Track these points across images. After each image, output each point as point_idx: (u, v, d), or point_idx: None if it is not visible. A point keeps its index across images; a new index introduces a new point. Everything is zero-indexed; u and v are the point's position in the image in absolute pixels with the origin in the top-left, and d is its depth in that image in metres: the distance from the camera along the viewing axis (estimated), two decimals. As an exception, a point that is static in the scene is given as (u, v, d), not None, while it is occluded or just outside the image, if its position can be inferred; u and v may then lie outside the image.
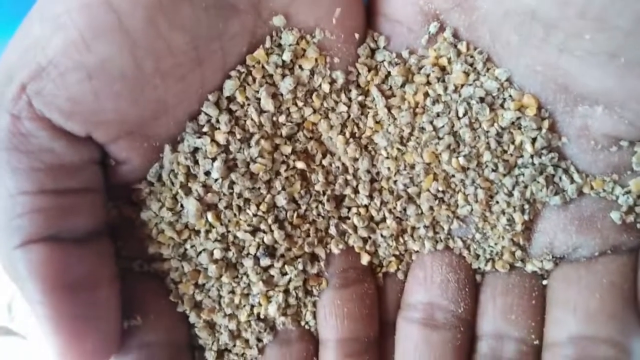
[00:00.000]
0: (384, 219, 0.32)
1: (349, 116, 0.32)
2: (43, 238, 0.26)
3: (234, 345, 0.32)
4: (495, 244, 0.31)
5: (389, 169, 0.32)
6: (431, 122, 0.31)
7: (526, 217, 0.30)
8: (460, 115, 0.30)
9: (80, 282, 0.27)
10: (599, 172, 0.30)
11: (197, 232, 0.30)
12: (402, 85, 0.31)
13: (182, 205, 0.30)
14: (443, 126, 0.31)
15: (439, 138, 0.31)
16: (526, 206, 0.30)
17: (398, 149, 0.31)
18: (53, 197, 0.27)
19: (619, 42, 0.25)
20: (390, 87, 0.32)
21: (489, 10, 0.28)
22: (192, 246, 0.31)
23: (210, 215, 0.30)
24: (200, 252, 0.31)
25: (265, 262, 0.31)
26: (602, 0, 0.24)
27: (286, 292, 0.32)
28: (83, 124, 0.27)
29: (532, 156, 0.30)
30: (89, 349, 0.27)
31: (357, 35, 0.31)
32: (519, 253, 0.31)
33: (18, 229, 0.26)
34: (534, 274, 0.31)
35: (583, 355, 0.27)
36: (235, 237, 0.30)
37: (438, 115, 0.31)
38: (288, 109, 0.31)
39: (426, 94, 0.31)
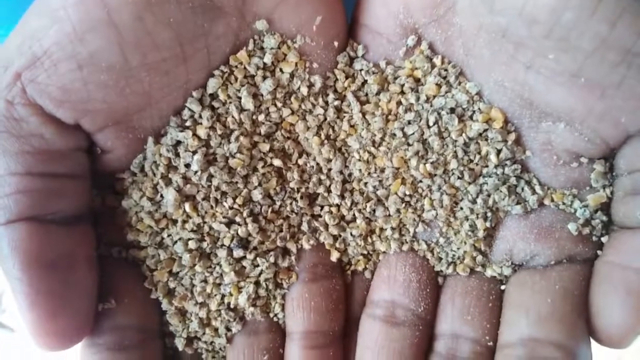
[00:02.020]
0: (354, 219, 0.33)
1: (325, 119, 0.32)
2: (27, 218, 0.27)
3: (204, 333, 0.32)
4: (458, 248, 0.32)
5: (360, 171, 0.32)
6: (402, 129, 0.31)
7: (488, 224, 0.31)
8: (431, 124, 0.31)
9: (58, 262, 0.27)
10: (559, 186, 0.30)
11: (175, 222, 0.31)
12: (377, 93, 0.32)
13: (161, 195, 0.30)
14: (413, 133, 0.31)
15: (409, 144, 0.31)
16: (489, 214, 0.31)
17: (369, 152, 0.32)
18: (40, 180, 0.27)
19: (580, 63, 0.25)
20: (366, 94, 0.32)
21: (463, 26, 0.29)
22: (168, 235, 0.31)
23: (187, 206, 0.30)
24: (176, 241, 0.31)
25: (238, 253, 0.31)
26: (566, 22, 0.24)
27: (257, 283, 0.32)
28: (72, 111, 0.27)
29: (496, 166, 0.30)
30: (61, 326, 0.27)
31: (336, 43, 0.32)
32: (479, 258, 0.31)
33: (4, 208, 0.26)
34: (493, 278, 0.31)
35: (531, 356, 0.27)
36: (210, 228, 0.31)
37: (409, 123, 0.31)
38: (267, 108, 0.31)
39: (399, 103, 0.32)
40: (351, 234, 0.33)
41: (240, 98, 0.31)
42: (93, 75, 0.27)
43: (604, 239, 0.30)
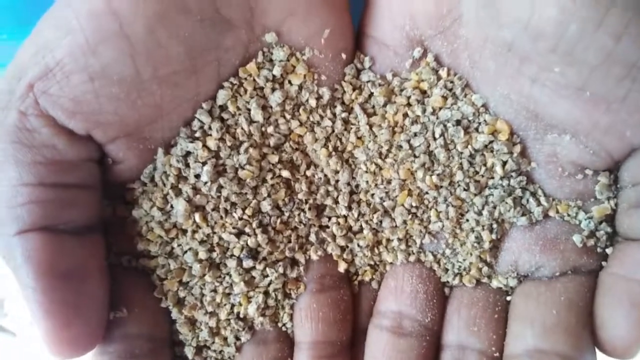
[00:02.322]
0: (361, 230, 0.33)
1: (333, 131, 0.32)
2: (40, 228, 0.27)
3: (213, 342, 0.32)
4: (464, 259, 0.32)
5: (367, 182, 0.32)
6: (408, 141, 0.31)
7: (494, 236, 0.31)
8: (437, 136, 0.31)
9: (71, 271, 0.27)
10: (564, 197, 0.30)
11: (185, 232, 0.31)
12: (384, 105, 0.32)
13: (171, 206, 0.31)
14: (419, 145, 0.31)
15: (415, 156, 0.31)
16: (494, 225, 0.31)
17: (376, 164, 0.32)
18: (52, 190, 0.28)
19: (586, 77, 0.25)
20: (373, 106, 0.33)
21: (469, 39, 0.29)
22: (178, 245, 0.31)
23: (197, 216, 0.30)
24: (186, 251, 0.31)
25: (248, 263, 0.31)
26: (571, 35, 0.24)
27: (266, 293, 0.32)
28: (84, 123, 0.28)
29: (501, 178, 0.30)
30: (74, 335, 0.27)
31: (344, 55, 0.32)
32: (485, 269, 0.31)
33: (17, 218, 0.27)
34: (499, 289, 0.31)
35: None
36: (220, 238, 0.31)
37: (415, 135, 0.31)
38: (276, 120, 0.32)
39: (405, 115, 0.32)
40: (358, 245, 0.33)
41: (249, 110, 0.31)
42: (105, 88, 0.27)
43: (608, 251, 0.30)
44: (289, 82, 0.32)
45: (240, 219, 0.31)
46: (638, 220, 0.28)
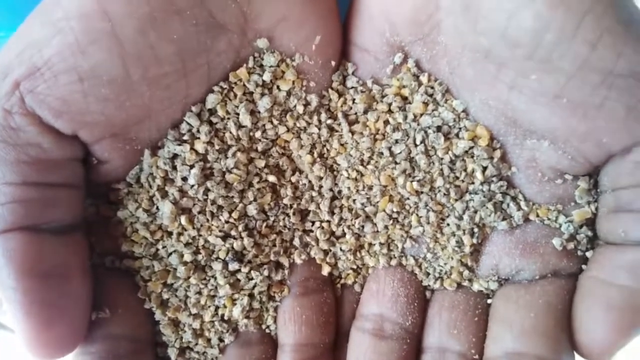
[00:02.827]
0: (343, 234, 0.33)
1: (319, 137, 0.33)
2: (21, 227, 0.26)
3: (196, 344, 0.32)
4: (445, 263, 0.32)
5: (349, 188, 0.33)
6: (389, 148, 0.32)
7: (475, 240, 0.31)
8: (418, 142, 0.31)
9: (52, 271, 0.27)
10: (544, 201, 0.31)
11: (170, 234, 0.31)
12: (365, 112, 0.32)
13: (157, 208, 0.30)
14: (400, 152, 0.32)
15: (396, 163, 0.32)
16: (475, 230, 0.31)
17: (357, 170, 0.32)
18: (35, 190, 0.27)
19: (562, 84, 0.26)
20: (356, 113, 0.33)
21: (448, 45, 0.29)
22: (163, 247, 0.31)
23: (183, 219, 0.30)
24: (171, 253, 0.31)
25: (233, 266, 0.31)
26: (548, 43, 0.25)
27: (251, 296, 0.32)
28: (70, 123, 0.27)
29: (482, 183, 0.31)
30: (56, 335, 0.26)
31: (333, 62, 0.32)
32: (466, 273, 0.32)
33: None
34: (480, 292, 0.32)
35: None
36: (206, 241, 0.31)
37: (396, 142, 0.32)
38: (264, 125, 0.32)
39: (387, 122, 0.32)
40: (341, 249, 0.33)
41: (238, 114, 0.31)
42: (94, 88, 0.27)
43: (588, 254, 0.30)
44: (278, 87, 0.32)
45: (227, 222, 0.31)
46: (617, 224, 0.28)
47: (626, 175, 0.27)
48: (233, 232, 0.31)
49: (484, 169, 0.31)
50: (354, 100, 0.33)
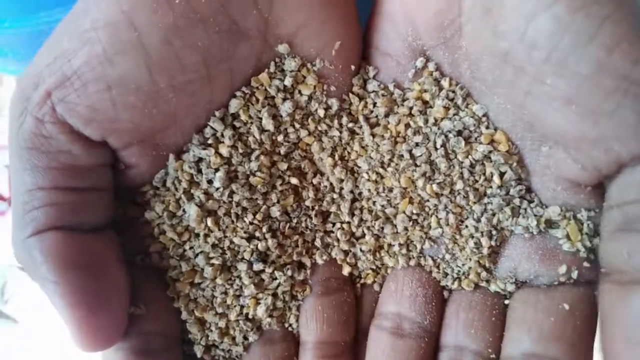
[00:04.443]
0: (363, 235, 0.33)
1: (340, 140, 0.32)
2: (54, 228, 0.27)
3: (222, 342, 0.32)
4: (463, 264, 0.32)
5: (369, 190, 0.32)
6: (410, 151, 0.31)
7: (493, 243, 0.31)
8: (438, 146, 0.31)
9: (90, 263, 0.27)
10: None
11: (197, 235, 0.31)
12: (386, 116, 0.32)
13: (184, 210, 0.30)
14: (421, 155, 0.31)
15: (417, 165, 0.31)
16: (493, 232, 0.31)
17: (378, 173, 0.32)
18: (66, 194, 0.27)
19: (576, 88, 0.25)
20: (376, 116, 0.32)
21: (469, 49, 0.28)
22: (190, 247, 0.31)
23: (209, 221, 0.30)
24: (198, 254, 0.31)
25: (258, 266, 0.31)
26: (565, 46, 0.24)
27: (274, 295, 0.32)
28: (100, 130, 0.27)
29: (499, 187, 0.30)
30: (101, 324, 0.27)
31: (353, 67, 0.32)
32: (484, 274, 0.31)
33: (33, 220, 0.26)
34: (497, 293, 0.31)
35: None
36: (231, 242, 0.31)
37: (417, 145, 0.31)
38: (286, 129, 0.31)
39: (407, 125, 0.32)
40: (361, 250, 0.33)
41: (261, 119, 0.31)
42: (122, 96, 0.26)
43: None
44: (299, 92, 0.31)
45: (251, 223, 0.31)
46: (622, 245, 0.25)
47: (635, 188, 0.26)
48: (257, 234, 0.31)
49: (502, 174, 0.30)
50: (375, 103, 0.32)
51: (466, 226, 0.32)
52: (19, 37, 0.43)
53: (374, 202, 0.33)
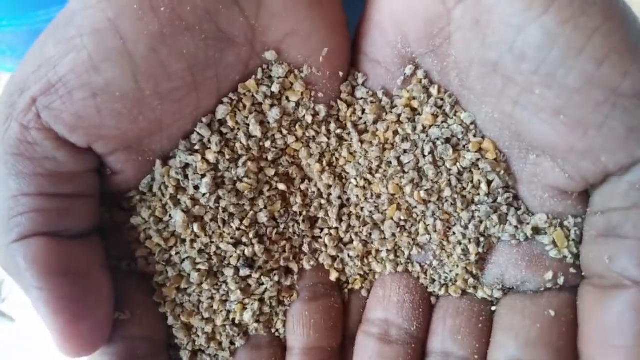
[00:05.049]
0: (351, 241, 0.33)
1: (328, 146, 0.32)
2: (39, 234, 0.26)
3: (208, 347, 0.31)
4: (450, 271, 0.32)
5: (357, 196, 0.32)
6: (398, 158, 0.31)
7: (480, 249, 0.30)
8: (426, 153, 0.30)
9: (74, 269, 0.27)
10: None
11: (183, 241, 0.30)
12: (374, 123, 0.32)
13: (170, 215, 0.30)
14: (409, 162, 0.31)
15: (404, 172, 0.31)
16: (481, 239, 0.30)
17: (366, 179, 0.32)
18: (51, 200, 0.27)
19: (564, 100, 0.25)
20: (365, 123, 0.32)
21: (458, 58, 0.28)
22: (177, 253, 0.31)
23: (196, 226, 0.30)
24: (184, 260, 0.30)
25: (244, 272, 0.31)
26: (554, 58, 0.24)
27: (261, 301, 0.32)
28: (85, 137, 0.27)
29: (487, 195, 0.30)
30: (84, 330, 0.26)
31: (341, 73, 0.31)
32: (471, 281, 0.31)
33: (17, 226, 0.26)
34: (484, 300, 0.31)
35: None
36: (218, 247, 0.30)
37: (405, 152, 0.31)
38: (274, 135, 0.31)
39: (396, 132, 0.31)
40: (349, 255, 0.33)
41: (248, 125, 0.30)
42: (107, 103, 0.26)
43: None
44: (287, 98, 0.31)
45: (238, 229, 0.31)
46: (603, 250, 0.26)
47: (619, 196, 0.26)
48: (244, 239, 0.31)
49: (489, 182, 0.30)
50: (363, 110, 0.32)
51: (454, 233, 0.31)
52: (17, 35, 0.43)
53: (362, 208, 0.32)
